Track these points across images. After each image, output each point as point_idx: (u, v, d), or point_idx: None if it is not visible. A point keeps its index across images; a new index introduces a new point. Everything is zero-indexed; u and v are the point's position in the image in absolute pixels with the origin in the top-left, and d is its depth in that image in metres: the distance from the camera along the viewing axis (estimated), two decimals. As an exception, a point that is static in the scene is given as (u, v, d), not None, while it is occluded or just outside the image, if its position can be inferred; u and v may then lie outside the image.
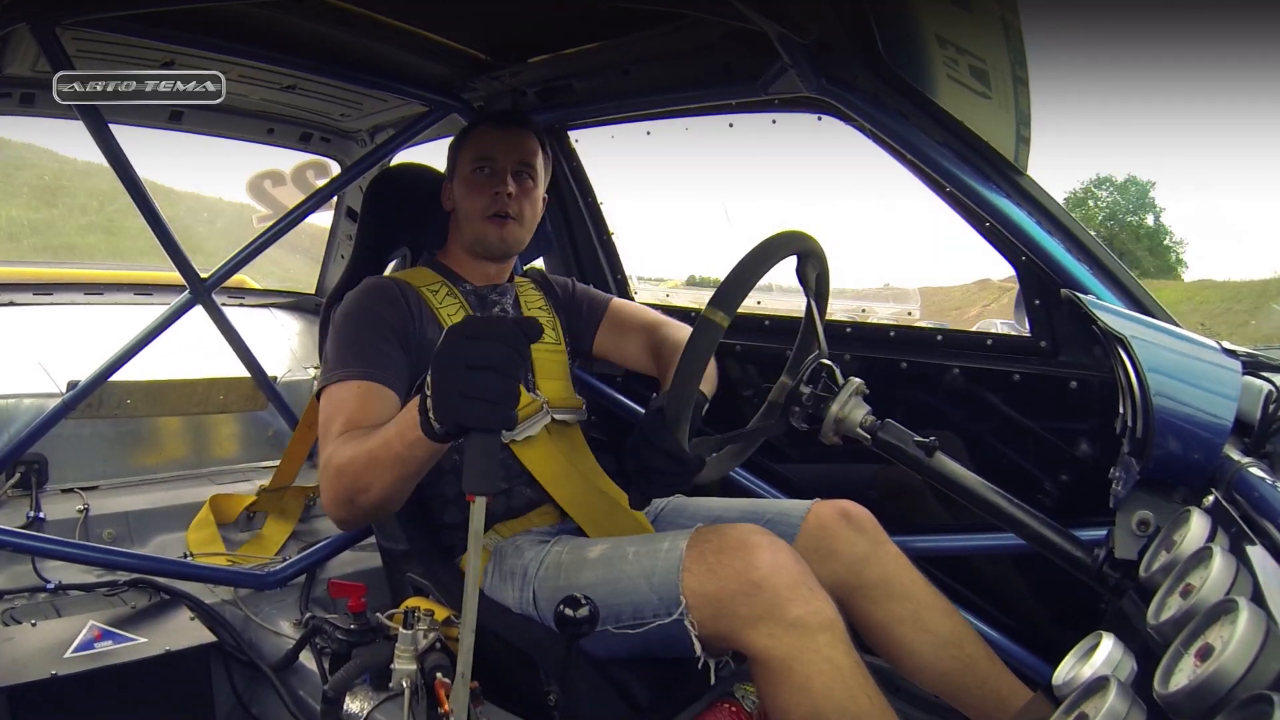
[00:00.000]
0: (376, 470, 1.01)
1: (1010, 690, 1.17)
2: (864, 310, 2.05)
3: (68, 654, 1.32)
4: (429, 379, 0.84)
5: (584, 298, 1.57)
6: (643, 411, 1.84)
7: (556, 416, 1.37)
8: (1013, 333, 1.47)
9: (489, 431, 0.78)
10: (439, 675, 1.10)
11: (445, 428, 0.83)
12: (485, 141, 1.38)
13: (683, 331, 1.44)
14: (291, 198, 2.68)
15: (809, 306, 1.18)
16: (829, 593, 1.15)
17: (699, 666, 1.04)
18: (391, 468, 0.99)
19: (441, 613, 1.23)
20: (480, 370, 0.77)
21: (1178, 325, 1.15)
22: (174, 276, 1.93)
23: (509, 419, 0.79)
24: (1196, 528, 0.77)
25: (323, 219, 2.60)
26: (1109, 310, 1.14)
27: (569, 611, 0.95)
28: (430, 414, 0.85)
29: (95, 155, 1.66)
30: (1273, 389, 0.99)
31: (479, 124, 1.44)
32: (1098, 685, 0.65)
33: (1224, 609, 0.59)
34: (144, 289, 2.45)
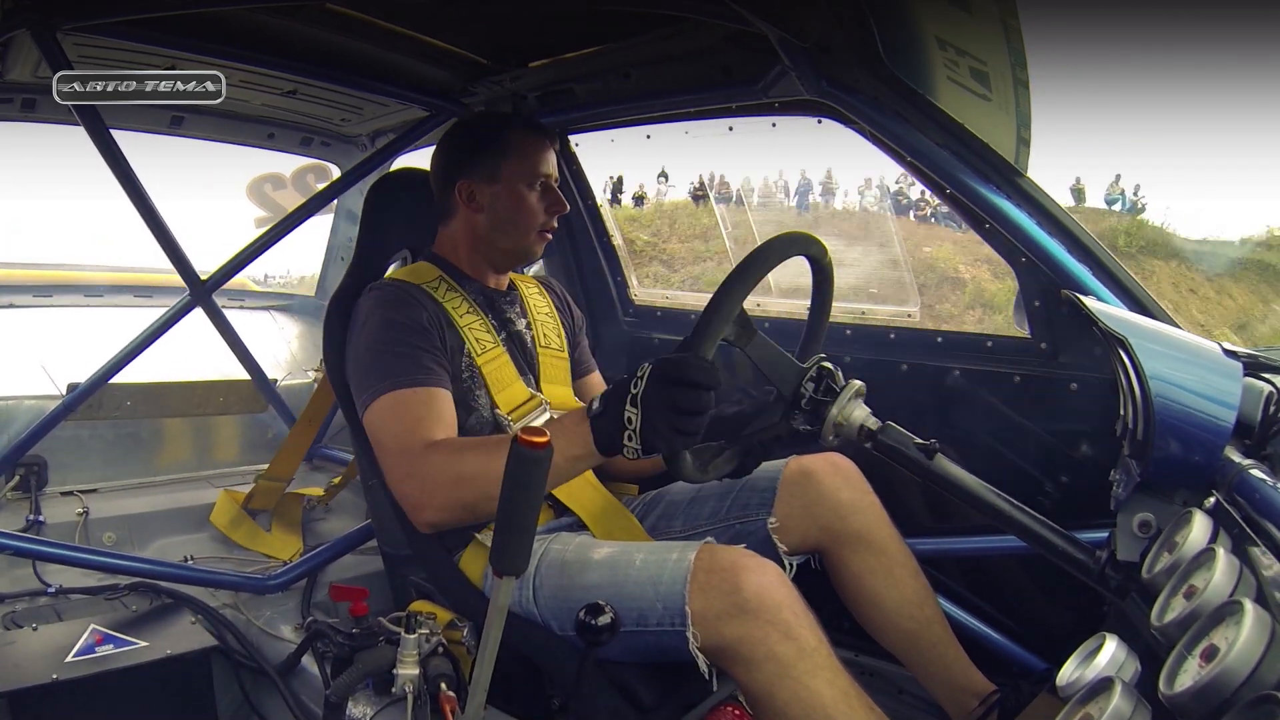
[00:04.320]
0: None
1: (956, 659, 1.25)
2: (864, 312, 2.05)
3: (69, 658, 1.32)
4: (637, 414, 0.97)
5: (582, 348, 1.56)
6: None
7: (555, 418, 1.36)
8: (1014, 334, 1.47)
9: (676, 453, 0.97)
10: (443, 687, 1.10)
11: (645, 453, 0.98)
12: (539, 155, 1.37)
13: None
14: (291, 200, 2.70)
15: (812, 307, 1.18)
16: (814, 538, 1.27)
17: (706, 675, 1.04)
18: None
19: (444, 616, 1.23)
20: (690, 415, 0.95)
21: (1178, 326, 1.15)
22: (174, 278, 1.94)
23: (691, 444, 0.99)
24: (1198, 529, 0.78)
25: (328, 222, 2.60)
26: (1109, 311, 1.15)
27: (590, 620, 0.94)
28: (631, 440, 0.98)
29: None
30: (1273, 390, 0.99)
31: (519, 131, 1.37)
32: (1102, 686, 0.65)
33: (1228, 610, 0.59)
34: (144, 291, 2.45)
